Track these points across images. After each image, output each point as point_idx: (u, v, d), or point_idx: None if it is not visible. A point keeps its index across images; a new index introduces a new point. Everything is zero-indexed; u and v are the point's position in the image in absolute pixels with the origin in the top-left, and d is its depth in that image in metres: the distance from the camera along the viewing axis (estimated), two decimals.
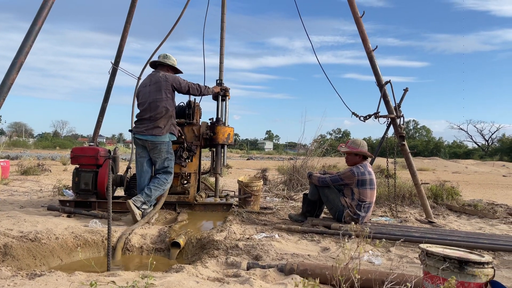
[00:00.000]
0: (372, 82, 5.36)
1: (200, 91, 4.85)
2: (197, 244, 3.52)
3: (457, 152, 41.27)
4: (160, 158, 4.59)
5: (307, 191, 5.26)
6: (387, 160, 5.50)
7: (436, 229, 4.52)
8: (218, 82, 5.53)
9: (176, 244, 3.49)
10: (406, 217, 5.39)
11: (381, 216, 5.48)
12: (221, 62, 5.68)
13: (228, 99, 5.39)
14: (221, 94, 5.27)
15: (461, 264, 1.84)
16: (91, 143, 5.49)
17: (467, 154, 40.43)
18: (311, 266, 2.50)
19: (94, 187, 4.92)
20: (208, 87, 5.01)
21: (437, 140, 45.16)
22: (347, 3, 5.35)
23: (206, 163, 9.73)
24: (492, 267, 1.89)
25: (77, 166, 5.07)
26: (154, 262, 2.37)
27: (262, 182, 5.74)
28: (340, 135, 51.90)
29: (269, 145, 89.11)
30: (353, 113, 5.34)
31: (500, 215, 5.78)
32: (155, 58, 5.01)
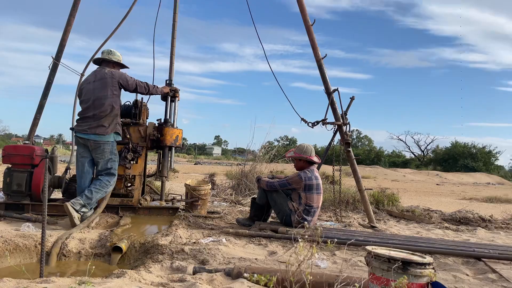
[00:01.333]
0: (319, 91, 5.51)
1: (148, 90, 4.70)
2: (140, 248, 3.36)
3: (396, 161, 43.57)
4: (103, 158, 4.36)
5: (255, 196, 5.25)
6: (333, 167, 5.63)
7: (378, 233, 4.68)
8: (167, 82, 5.38)
9: (117, 249, 3.32)
10: (350, 221, 5.54)
11: (326, 220, 5.60)
12: (171, 62, 5.55)
13: (178, 100, 5.27)
14: (170, 95, 5.13)
15: (405, 265, 1.89)
16: (26, 142, 5.11)
17: (405, 163, 42.79)
18: (258, 270, 2.47)
19: (28, 189, 4.58)
20: (157, 87, 4.86)
21: (378, 150, 47.35)
22: (297, 13, 5.44)
23: (151, 167, 9.46)
24: (433, 268, 1.97)
25: (9, 165, 4.69)
26: (93, 267, 2.22)
27: (210, 186, 5.65)
28: (288, 142, 52.85)
29: (217, 150, 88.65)
30: (302, 119, 5.42)
31: (435, 221, 6.11)
32: (99, 55, 4.78)
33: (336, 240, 3.92)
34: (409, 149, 46.91)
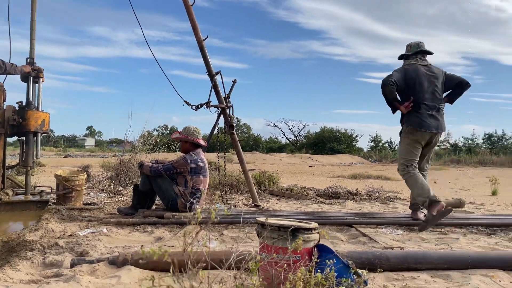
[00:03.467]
0: (199, 80, 5.47)
1: (5, 68, 4.07)
2: (3, 247, 2.90)
3: (273, 147, 46.02)
4: None
5: (138, 183, 4.98)
6: (218, 151, 5.65)
7: (263, 211, 4.86)
8: (28, 61, 4.72)
9: None
10: (235, 203, 5.65)
11: (211, 203, 5.61)
12: (32, 38, 4.86)
13: (42, 81, 4.67)
14: (32, 75, 4.52)
15: (294, 232, 1.96)
16: None
17: (281, 148, 45.48)
18: (146, 255, 2.32)
19: None
20: (16, 65, 4.23)
21: (256, 136, 49.42)
22: None
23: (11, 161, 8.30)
24: (318, 232, 2.08)
25: None
26: None
27: (85, 176, 5.18)
28: (168, 131, 51.67)
29: (90, 142, 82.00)
30: (185, 101, 5.29)
31: (311, 196, 6.61)
32: None
33: (223, 220, 3.98)
34: (284, 135, 49.98)
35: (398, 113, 4.49)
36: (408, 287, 2.19)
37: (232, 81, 5.58)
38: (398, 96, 4.38)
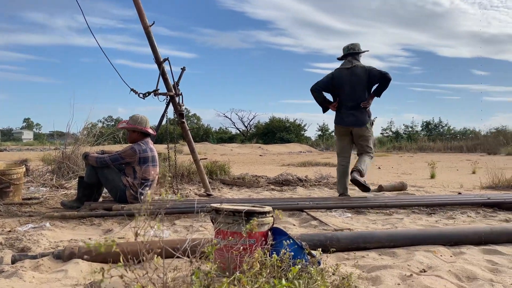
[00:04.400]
0: (145, 69, 5.29)
1: None
2: None
3: (223, 137, 45.84)
4: None
5: (83, 175, 4.75)
6: (168, 141, 5.52)
7: (214, 199, 4.83)
8: None
9: None
10: (187, 193, 5.57)
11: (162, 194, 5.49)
12: None
13: None
14: None
15: (248, 216, 1.96)
16: None
17: (231, 138, 45.44)
18: (95, 248, 2.22)
19: None
20: None
21: (206, 127, 48.98)
22: None
23: None
24: (272, 216, 2.10)
25: None
26: None
27: (24, 169, 4.86)
28: (113, 122, 49.81)
29: (28, 135, 77.10)
30: (132, 89, 5.10)
31: (263, 184, 6.68)
32: None
33: (175, 209, 3.91)
34: (234, 125, 49.93)
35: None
36: (358, 265, 2.28)
37: (181, 69, 5.45)
38: (331, 97, 5.23)
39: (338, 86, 5.04)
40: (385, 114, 76.93)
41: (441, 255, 2.52)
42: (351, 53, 5.08)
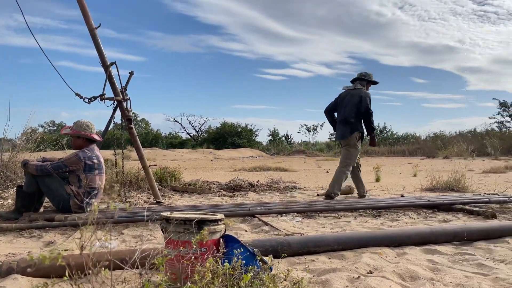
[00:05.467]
0: (91, 72, 5.09)
1: None
2: None
3: (173, 142, 45.00)
4: None
5: (22, 184, 4.47)
6: (115, 147, 5.34)
7: (164, 207, 4.73)
8: None
9: None
10: (135, 201, 5.41)
11: (109, 203, 5.29)
12: None
13: None
14: None
15: (200, 224, 1.94)
16: None
17: (181, 144, 44.72)
18: (34, 261, 2.09)
19: None
20: None
21: (156, 132, 47.91)
22: None
23: None
24: (224, 223, 2.08)
25: None
26: None
27: None
28: (55, 127, 47.36)
29: None
30: (76, 94, 4.87)
31: (215, 190, 6.63)
32: None
33: (123, 218, 3.78)
34: (185, 130, 49.23)
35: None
36: (309, 269, 2.32)
37: (129, 73, 5.30)
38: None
39: (339, 104, 5.86)
40: None
41: (386, 256, 2.63)
42: (360, 78, 5.87)
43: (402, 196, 5.86)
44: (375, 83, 6.03)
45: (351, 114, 5.64)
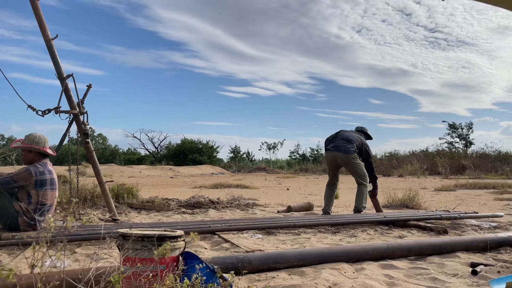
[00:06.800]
0: (45, 85, 4.94)
1: None
2: None
3: (131, 158, 43.84)
4: None
5: None
6: (70, 161, 5.14)
7: (122, 224, 4.57)
8: None
9: None
10: (90, 218, 5.19)
11: (62, 220, 5.05)
12: None
13: None
14: None
15: (159, 241, 1.88)
16: None
17: (140, 160, 43.65)
18: None
19: None
20: None
21: (113, 148, 46.57)
22: None
23: None
24: (183, 240, 2.04)
25: None
26: None
27: None
28: (4, 141, 44.95)
29: None
30: (29, 106, 4.67)
31: (174, 207, 6.50)
32: None
33: (76, 236, 3.61)
34: (144, 146, 48.11)
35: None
36: (269, 286, 2.31)
37: (87, 86, 5.16)
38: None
39: (338, 135, 6.19)
40: (292, 138, 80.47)
41: (345, 272, 2.67)
42: (360, 130, 6.41)
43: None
44: (370, 138, 6.46)
45: (354, 139, 5.95)
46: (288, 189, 12.41)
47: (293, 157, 43.98)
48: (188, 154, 40.94)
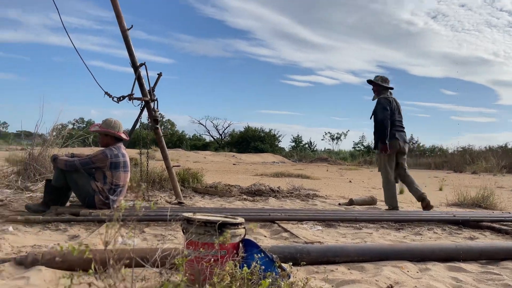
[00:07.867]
0: (120, 72, 5.21)
1: None
2: None
3: (197, 144, 45.44)
4: None
5: (51, 177, 4.61)
6: (140, 147, 5.44)
7: (187, 208, 4.77)
8: None
9: None
10: (157, 200, 5.49)
11: (133, 200, 5.39)
12: None
13: None
14: None
15: (221, 227, 1.95)
16: None
17: (205, 146, 45.12)
18: (60, 253, 2.15)
19: None
20: None
21: (180, 133, 48.51)
22: None
23: None
24: (244, 227, 2.09)
25: None
26: None
27: None
28: (84, 124, 48.64)
29: None
30: (106, 93, 5.00)
31: (235, 194, 6.65)
32: None
33: (145, 217, 3.84)
34: (209, 132, 49.64)
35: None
36: (328, 279, 2.29)
37: (158, 74, 5.40)
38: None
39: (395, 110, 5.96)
40: (357, 129, 78.39)
41: (408, 271, 2.57)
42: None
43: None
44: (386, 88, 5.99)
45: (375, 121, 5.85)
46: (350, 181, 12.15)
47: (357, 148, 42.83)
48: (250, 142, 41.54)
